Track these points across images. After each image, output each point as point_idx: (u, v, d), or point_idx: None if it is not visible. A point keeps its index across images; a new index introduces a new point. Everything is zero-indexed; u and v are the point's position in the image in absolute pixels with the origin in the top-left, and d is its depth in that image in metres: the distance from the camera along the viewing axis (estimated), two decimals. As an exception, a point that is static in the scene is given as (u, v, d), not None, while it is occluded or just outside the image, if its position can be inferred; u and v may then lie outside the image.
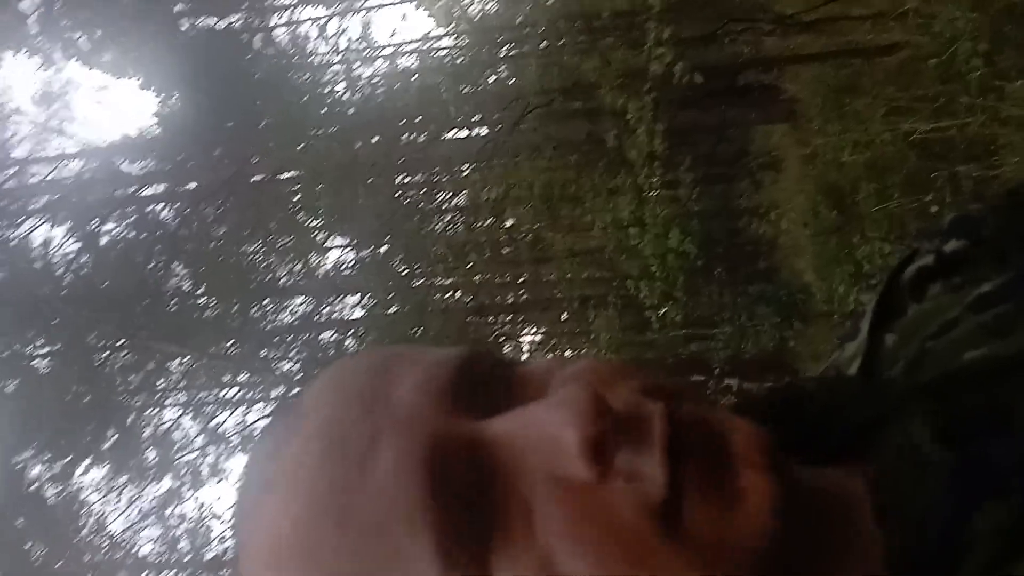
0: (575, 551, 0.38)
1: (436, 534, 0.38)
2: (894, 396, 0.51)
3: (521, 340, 13.43)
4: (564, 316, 12.02)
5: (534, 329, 13.71)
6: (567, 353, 11.77)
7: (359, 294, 11.34)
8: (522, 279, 12.71)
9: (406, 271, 10.31)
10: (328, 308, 11.97)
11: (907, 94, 6.23)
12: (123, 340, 9.87)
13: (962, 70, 4.91)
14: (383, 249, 10.10)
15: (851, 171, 7.23)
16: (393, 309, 9.27)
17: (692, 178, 7.21)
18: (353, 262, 11.56)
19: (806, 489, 0.41)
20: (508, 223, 10.40)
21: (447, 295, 11.37)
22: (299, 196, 9.72)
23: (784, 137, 9.92)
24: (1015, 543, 0.40)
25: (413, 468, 0.39)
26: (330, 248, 11.60)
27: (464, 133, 9.48)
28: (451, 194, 11.18)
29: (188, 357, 10.46)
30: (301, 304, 11.66)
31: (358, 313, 11.56)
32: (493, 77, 10.18)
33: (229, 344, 10.54)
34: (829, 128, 7.56)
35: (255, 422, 11.08)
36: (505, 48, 10.39)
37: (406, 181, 10.45)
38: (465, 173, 9.76)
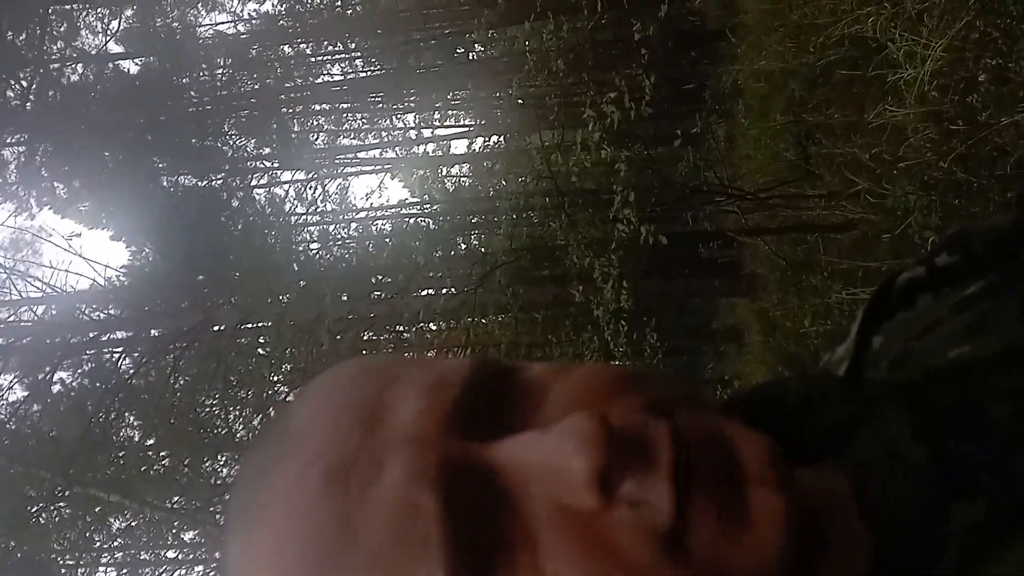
0: None
1: (447, 559, 0.37)
2: (873, 394, 0.51)
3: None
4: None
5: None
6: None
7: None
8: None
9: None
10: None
11: (863, 267, 6.46)
12: (63, 491, 9.42)
13: (916, 240, 5.13)
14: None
15: (811, 341, 7.36)
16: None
17: (656, 345, 7.30)
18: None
19: (802, 489, 0.41)
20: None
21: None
22: (263, 348, 9.65)
23: (745, 309, 10.17)
24: (987, 542, 0.40)
25: (425, 492, 0.38)
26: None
27: (432, 291, 9.62)
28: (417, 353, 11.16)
29: (129, 513, 9.97)
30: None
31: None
32: (464, 245, 10.47)
33: (175, 499, 10.10)
34: (788, 300, 7.77)
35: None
36: (478, 217, 10.75)
37: (373, 339, 10.45)
38: (432, 331, 9.80)
